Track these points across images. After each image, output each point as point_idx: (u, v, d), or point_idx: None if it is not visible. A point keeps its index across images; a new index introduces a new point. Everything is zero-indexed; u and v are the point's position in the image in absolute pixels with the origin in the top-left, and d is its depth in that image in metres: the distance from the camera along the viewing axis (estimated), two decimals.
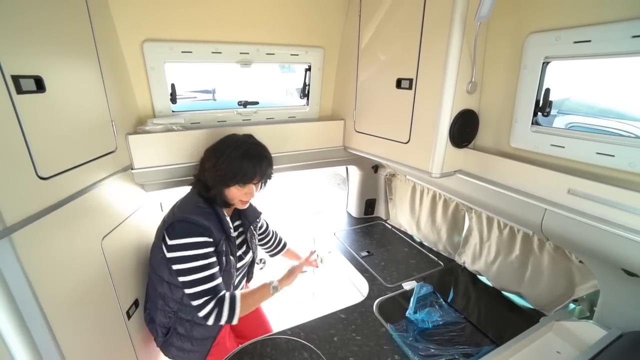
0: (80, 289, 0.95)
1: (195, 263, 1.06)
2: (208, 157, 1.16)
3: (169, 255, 1.09)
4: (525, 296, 1.38)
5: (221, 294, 1.10)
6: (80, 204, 0.95)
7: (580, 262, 1.14)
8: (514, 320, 1.33)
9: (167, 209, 1.69)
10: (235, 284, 1.30)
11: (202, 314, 1.08)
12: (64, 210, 0.87)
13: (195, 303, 1.08)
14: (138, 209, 1.33)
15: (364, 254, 1.79)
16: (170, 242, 1.07)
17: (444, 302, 1.37)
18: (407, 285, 1.51)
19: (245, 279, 1.43)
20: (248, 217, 1.34)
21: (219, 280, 1.11)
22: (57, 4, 0.86)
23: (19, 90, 0.73)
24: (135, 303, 1.27)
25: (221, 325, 1.26)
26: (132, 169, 1.26)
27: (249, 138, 1.20)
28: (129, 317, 1.22)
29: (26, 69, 0.76)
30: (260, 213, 1.40)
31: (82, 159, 0.96)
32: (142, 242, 1.35)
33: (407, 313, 1.30)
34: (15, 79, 0.72)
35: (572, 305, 1.26)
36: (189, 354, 1.24)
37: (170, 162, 1.33)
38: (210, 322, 1.08)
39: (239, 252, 1.29)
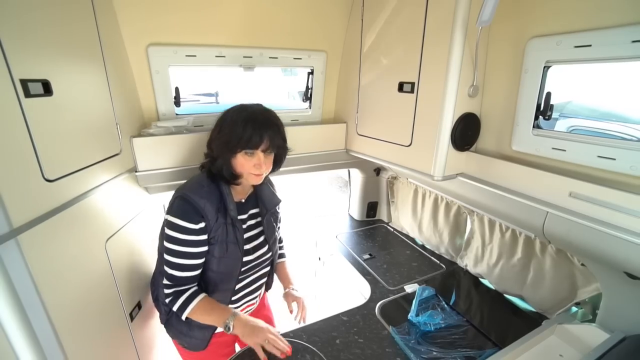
0: (84, 290, 0.96)
1: (177, 246, 1.01)
2: (215, 126, 1.08)
3: (164, 229, 1.05)
4: (527, 299, 1.38)
5: (184, 288, 1.05)
6: (85, 206, 0.96)
7: (583, 265, 1.14)
8: (516, 323, 1.33)
9: None
10: (248, 282, 1.20)
11: (165, 292, 1.06)
12: (69, 212, 0.88)
13: (164, 281, 1.06)
14: (141, 211, 1.34)
15: (366, 256, 1.80)
16: (165, 217, 1.03)
17: (446, 305, 1.37)
18: (409, 288, 1.51)
19: (264, 284, 1.31)
20: (266, 203, 1.20)
21: (193, 273, 1.05)
22: (64, 9, 0.88)
23: (27, 94, 0.74)
24: (139, 305, 1.28)
25: None
26: (136, 172, 1.27)
27: (258, 105, 1.09)
28: (132, 319, 1.22)
29: (34, 72, 0.77)
30: (280, 200, 1.26)
31: (87, 161, 0.97)
32: (146, 244, 1.36)
33: (409, 316, 1.30)
34: (24, 82, 0.73)
35: (574, 309, 1.26)
36: (186, 338, 1.18)
37: (174, 165, 1.34)
38: (170, 304, 1.05)
39: (252, 244, 1.16)
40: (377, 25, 1.40)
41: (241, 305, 1.25)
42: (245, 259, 1.12)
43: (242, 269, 1.14)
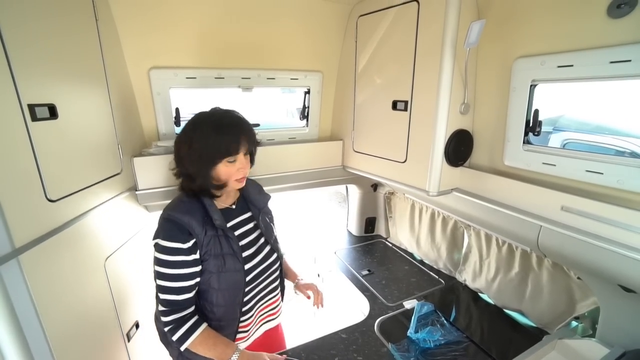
0: (82, 310, 0.96)
1: (169, 270, 0.94)
2: (179, 144, 1.01)
3: (154, 254, 0.98)
4: (527, 314, 1.37)
5: (187, 312, 0.99)
6: (85, 225, 0.98)
7: (579, 278, 1.15)
8: (516, 339, 1.31)
9: None
10: (260, 290, 1.13)
11: (164, 320, 0.98)
12: (69, 232, 0.90)
13: (161, 308, 0.98)
14: (140, 230, 1.36)
15: (365, 272, 1.79)
16: (153, 241, 0.97)
17: (445, 321, 1.36)
18: (408, 304, 1.50)
19: (279, 292, 1.26)
20: (256, 203, 1.16)
21: (190, 294, 0.99)
22: (72, 36, 0.93)
23: (34, 118, 0.77)
24: (136, 325, 1.27)
25: None
26: (136, 190, 1.29)
27: (215, 108, 1.04)
28: (129, 339, 1.21)
29: (41, 97, 0.80)
30: (269, 197, 1.23)
31: (89, 181, 0.99)
32: (144, 263, 1.36)
33: (408, 332, 1.29)
34: (31, 107, 0.76)
35: (574, 323, 1.26)
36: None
37: (174, 183, 1.36)
38: (169, 334, 0.97)
39: (251, 250, 1.09)
40: (371, 46, 1.45)
41: (260, 317, 1.20)
42: (247, 266, 1.05)
43: (248, 279, 1.06)
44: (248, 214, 1.15)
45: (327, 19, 1.53)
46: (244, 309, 1.09)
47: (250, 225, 1.14)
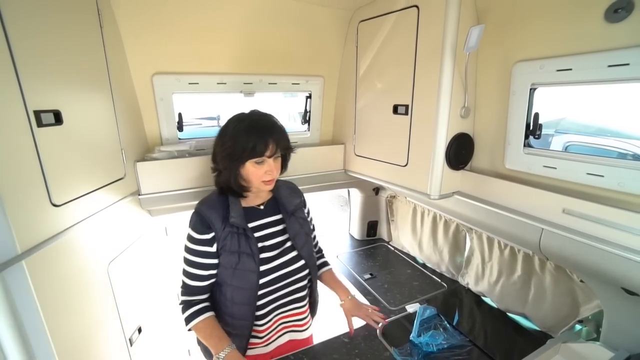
0: (86, 314, 0.97)
1: (189, 255, 1.05)
2: (216, 140, 1.09)
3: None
4: (530, 317, 1.37)
5: (195, 298, 1.07)
6: (89, 229, 0.99)
7: (582, 281, 1.14)
8: (520, 342, 1.31)
9: (172, 233, 1.72)
10: (278, 297, 1.12)
11: (180, 298, 1.09)
12: (73, 236, 0.91)
13: (179, 287, 1.10)
14: (143, 234, 1.36)
15: (367, 276, 1.79)
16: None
17: (448, 325, 1.35)
18: (411, 308, 1.50)
19: (307, 304, 1.23)
20: (286, 206, 1.15)
21: (202, 283, 1.06)
22: (77, 43, 0.94)
23: (40, 124, 0.78)
24: (139, 329, 1.27)
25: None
26: (139, 195, 1.30)
27: (254, 111, 1.09)
28: (131, 344, 1.21)
29: (47, 103, 0.82)
30: (299, 199, 1.22)
31: (92, 186, 1.00)
32: (147, 268, 1.37)
33: (411, 336, 1.28)
34: (37, 113, 0.78)
35: (578, 327, 1.25)
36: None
37: (176, 188, 1.37)
38: (180, 311, 1.07)
39: (272, 252, 1.10)
40: (371, 51, 1.47)
41: (280, 325, 1.19)
42: (263, 268, 1.06)
43: (262, 281, 1.07)
44: (278, 216, 1.16)
45: (328, 25, 1.55)
46: (259, 313, 1.10)
47: (278, 227, 1.15)
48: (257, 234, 1.09)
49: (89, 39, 1.00)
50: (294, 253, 1.14)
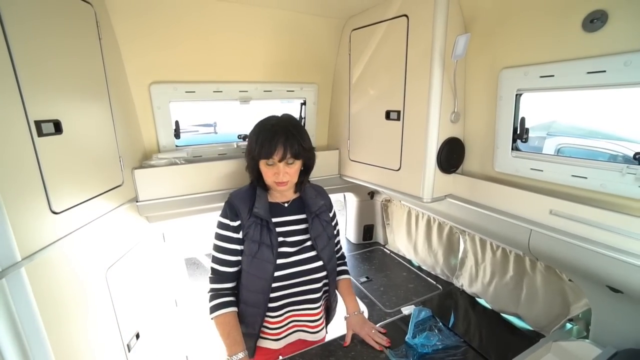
0: (84, 320, 0.98)
1: (216, 240, 1.14)
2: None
3: None
4: (523, 317, 1.39)
5: (224, 285, 1.15)
6: (87, 236, 1.00)
7: (570, 280, 1.17)
8: (514, 342, 1.32)
9: (169, 240, 1.73)
10: (290, 294, 1.16)
11: (209, 285, 1.16)
12: (72, 243, 0.92)
13: (209, 275, 1.17)
14: (140, 240, 1.38)
15: (363, 279, 1.81)
16: None
17: (443, 326, 1.37)
18: (406, 310, 1.51)
19: (321, 307, 1.25)
20: (310, 207, 1.20)
21: (228, 269, 1.14)
22: (76, 54, 0.97)
23: (40, 134, 0.81)
24: (137, 335, 1.28)
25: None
26: (137, 202, 1.32)
27: (282, 115, 1.17)
28: (129, 349, 1.22)
29: (47, 113, 0.84)
30: (323, 202, 1.25)
31: (91, 193, 1.02)
32: (145, 274, 1.38)
33: (406, 338, 1.30)
34: (38, 123, 0.80)
35: (569, 325, 1.27)
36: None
37: (174, 194, 1.39)
38: (208, 300, 1.15)
39: (292, 248, 1.15)
40: (364, 59, 1.51)
41: (292, 323, 1.22)
42: (280, 261, 1.12)
43: (277, 274, 1.12)
44: (302, 216, 1.21)
45: (322, 34, 1.59)
46: (271, 305, 1.16)
47: (301, 226, 1.20)
48: (279, 229, 1.15)
49: (88, 49, 1.03)
50: (312, 253, 1.18)
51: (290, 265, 1.14)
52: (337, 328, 1.39)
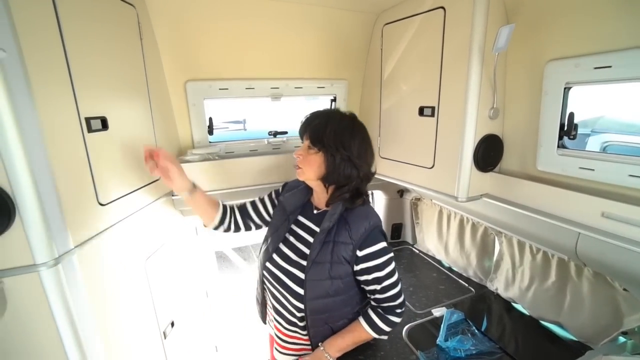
0: (126, 305, 1.03)
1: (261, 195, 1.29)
2: None
3: None
4: (566, 326, 1.30)
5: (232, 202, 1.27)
6: (128, 227, 1.05)
7: (625, 290, 1.08)
8: (555, 352, 1.25)
9: (201, 234, 1.79)
10: (271, 298, 1.16)
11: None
12: (116, 233, 0.98)
13: None
14: (176, 233, 1.43)
15: None
16: None
17: (476, 330, 1.32)
18: (437, 312, 1.47)
19: (293, 329, 1.10)
20: (324, 222, 1.01)
21: (243, 206, 1.26)
22: (121, 55, 1.02)
23: (90, 130, 0.86)
24: (172, 323, 1.34)
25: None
26: (172, 196, 1.37)
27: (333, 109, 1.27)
28: (165, 337, 1.28)
29: (95, 111, 0.89)
30: (330, 225, 0.99)
31: (132, 187, 1.08)
32: (179, 265, 1.44)
33: (437, 340, 1.26)
34: (87, 120, 0.85)
35: (622, 339, 1.18)
36: None
37: (207, 189, 1.43)
38: None
39: (289, 250, 1.09)
40: (397, 54, 1.47)
41: (272, 321, 1.23)
42: (274, 255, 1.10)
43: (266, 264, 1.11)
44: (319, 227, 1.04)
45: (352, 29, 1.57)
46: (263, 291, 1.23)
47: (311, 240, 1.06)
48: (293, 227, 1.15)
49: (130, 49, 1.08)
50: (299, 272, 1.02)
51: (276, 265, 1.09)
52: None
